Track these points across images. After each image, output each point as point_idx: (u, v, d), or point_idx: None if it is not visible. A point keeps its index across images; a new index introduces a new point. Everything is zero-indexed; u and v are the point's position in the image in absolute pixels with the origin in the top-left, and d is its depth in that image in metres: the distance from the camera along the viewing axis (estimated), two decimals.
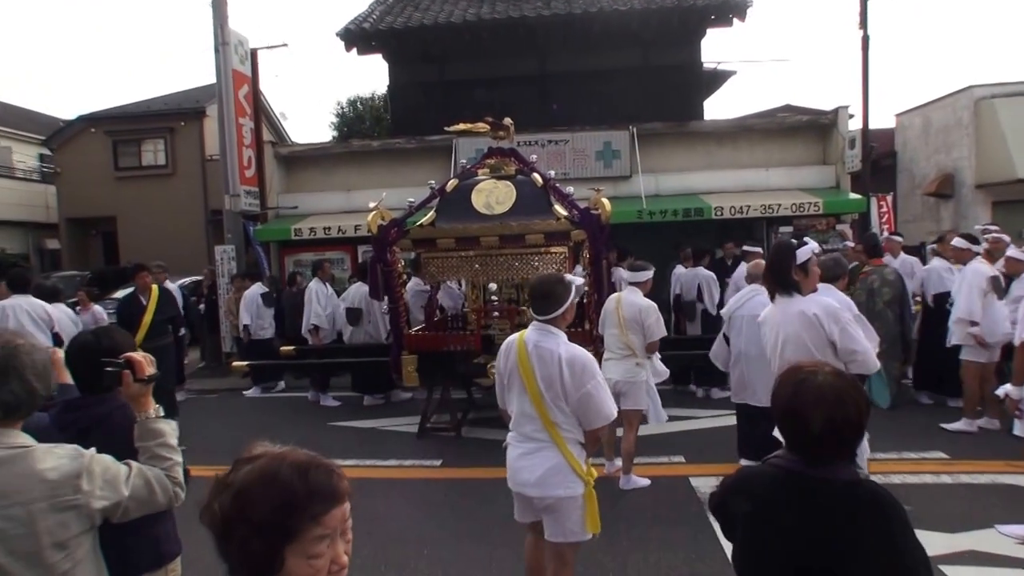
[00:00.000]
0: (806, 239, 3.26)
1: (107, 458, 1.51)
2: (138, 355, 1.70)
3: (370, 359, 6.72)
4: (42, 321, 5.21)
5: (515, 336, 2.66)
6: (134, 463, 1.57)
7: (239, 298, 8.97)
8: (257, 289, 8.39)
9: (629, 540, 3.41)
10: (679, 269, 7.32)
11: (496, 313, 5.87)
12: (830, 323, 2.80)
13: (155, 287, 6.27)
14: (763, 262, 4.50)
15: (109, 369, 1.66)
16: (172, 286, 7.09)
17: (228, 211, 10.15)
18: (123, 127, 16.38)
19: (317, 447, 1.05)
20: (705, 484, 4.37)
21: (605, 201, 5.31)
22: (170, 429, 1.69)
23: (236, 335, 9.04)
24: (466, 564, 3.49)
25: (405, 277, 6.19)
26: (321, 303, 7.45)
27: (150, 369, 1.69)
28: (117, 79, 58.06)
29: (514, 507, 2.73)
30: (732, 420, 5.98)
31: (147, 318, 6.07)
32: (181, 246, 14.38)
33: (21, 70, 55.18)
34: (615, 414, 2.59)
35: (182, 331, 10.24)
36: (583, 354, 2.51)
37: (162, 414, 1.70)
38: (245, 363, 6.94)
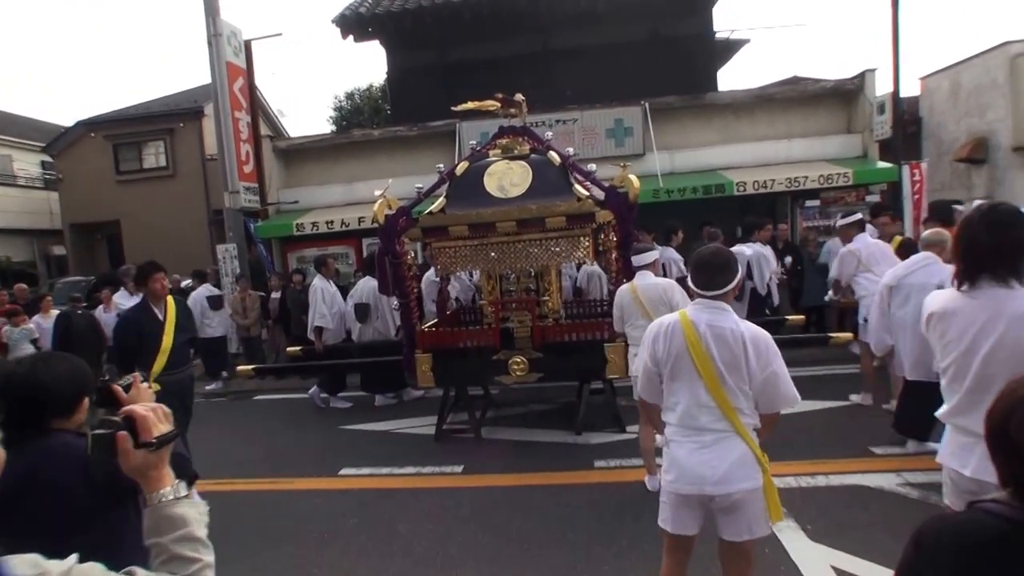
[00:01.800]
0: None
1: (94, 569, 0.93)
2: (141, 408, 1.13)
3: (381, 359, 6.35)
4: None
5: (672, 318, 2.33)
6: (140, 572, 0.99)
7: (244, 297, 8.82)
8: (203, 291, 8.58)
9: (709, 557, 2.95)
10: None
11: (514, 305, 5.46)
12: None
13: (170, 298, 4.54)
14: (942, 230, 4.20)
15: (98, 432, 1.09)
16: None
17: (228, 208, 9.81)
18: (123, 130, 16.11)
19: (329, 453, 0.63)
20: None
21: (632, 178, 4.86)
22: (196, 514, 1.12)
23: (244, 335, 8.82)
24: None
25: (416, 270, 5.78)
26: (326, 302, 7.05)
27: (161, 426, 1.11)
28: (115, 81, 57.92)
29: (669, 516, 2.33)
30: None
31: (167, 341, 4.28)
32: (185, 247, 14.11)
33: (19, 73, 55.12)
34: (799, 398, 2.29)
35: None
36: (764, 332, 2.26)
37: (183, 492, 1.11)
38: (251, 367, 6.59)
